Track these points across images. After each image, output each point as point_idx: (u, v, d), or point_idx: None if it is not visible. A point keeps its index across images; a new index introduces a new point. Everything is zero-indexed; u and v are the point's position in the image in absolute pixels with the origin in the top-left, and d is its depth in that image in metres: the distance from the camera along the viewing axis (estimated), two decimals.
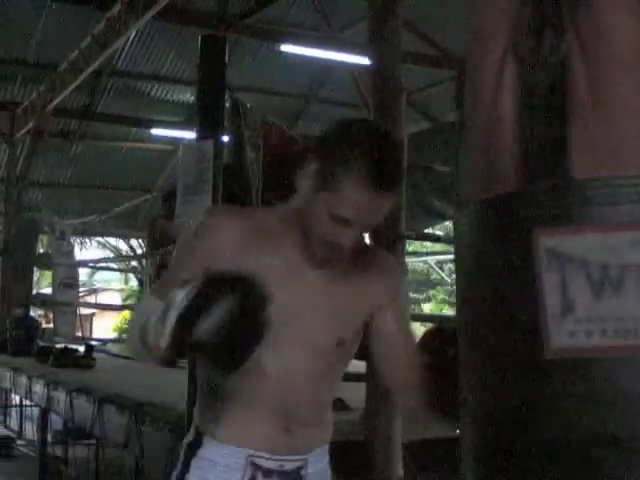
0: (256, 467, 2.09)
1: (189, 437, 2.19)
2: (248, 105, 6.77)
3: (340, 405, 5.64)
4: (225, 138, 6.39)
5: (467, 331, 1.67)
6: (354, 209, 1.94)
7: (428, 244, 14.45)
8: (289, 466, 2.12)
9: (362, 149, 1.93)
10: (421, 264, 19.34)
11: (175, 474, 2.17)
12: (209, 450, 2.12)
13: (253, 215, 2.21)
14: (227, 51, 6.47)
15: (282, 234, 2.11)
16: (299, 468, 2.14)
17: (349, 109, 13.68)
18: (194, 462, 2.13)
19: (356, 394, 5.15)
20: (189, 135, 12.95)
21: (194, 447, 2.15)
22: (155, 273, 10.96)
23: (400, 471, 4.61)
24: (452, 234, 1.81)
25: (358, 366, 6.67)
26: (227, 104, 6.52)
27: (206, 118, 6.52)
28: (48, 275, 16.81)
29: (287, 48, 11.26)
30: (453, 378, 1.76)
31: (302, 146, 6.91)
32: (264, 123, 6.68)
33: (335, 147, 1.97)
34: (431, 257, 17.07)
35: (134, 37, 11.74)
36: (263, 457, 2.09)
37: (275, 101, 13.67)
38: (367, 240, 2.36)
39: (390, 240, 5.55)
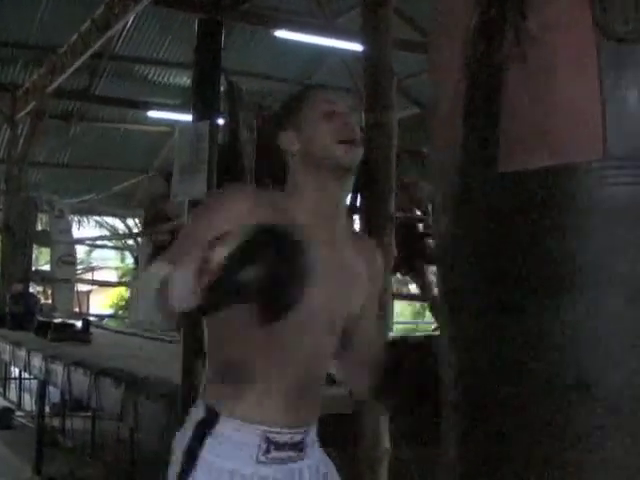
0: (270, 441, 2.14)
1: (199, 414, 2.20)
2: (243, 88, 6.96)
3: (329, 379, 5.87)
4: (220, 120, 6.60)
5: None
6: (333, 103, 2.20)
7: None
8: (297, 438, 2.20)
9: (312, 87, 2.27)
10: None
11: (184, 450, 2.18)
12: (225, 427, 2.15)
13: (266, 195, 2.26)
14: (223, 35, 6.68)
15: (296, 213, 2.17)
16: (303, 438, 2.22)
17: (341, 94, 13.87)
18: (209, 439, 2.15)
19: None
20: (185, 118, 13.05)
21: (208, 424, 2.17)
22: (152, 252, 11.11)
23: (387, 443, 4.73)
24: None
25: None
26: (222, 87, 6.73)
27: (202, 100, 6.70)
28: (46, 252, 16.92)
29: (282, 34, 11.25)
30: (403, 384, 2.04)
31: None
32: (259, 106, 6.87)
33: (294, 100, 2.28)
34: None
35: (133, 21, 11.71)
36: (277, 432, 2.15)
37: (269, 85, 13.67)
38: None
39: (380, 222, 5.78)
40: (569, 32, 1.60)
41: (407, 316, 21.21)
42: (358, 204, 6.25)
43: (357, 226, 6.86)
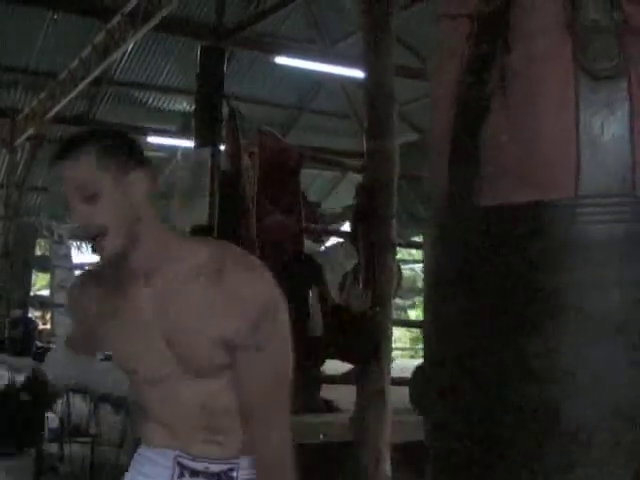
0: (183, 466, 2.18)
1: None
2: (244, 114, 6.95)
3: (330, 407, 5.85)
4: (222, 146, 6.61)
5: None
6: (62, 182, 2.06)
7: (415, 252, 14.61)
8: (215, 468, 2.16)
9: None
10: (408, 271, 19.42)
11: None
12: (145, 449, 2.26)
13: (96, 274, 2.26)
14: (225, 62, 6.72)
15: (109, 278, 2.15)
16: (229, 470, 2.17)
17: (339, 119, 13.89)
18: (134, 459, 2.27)
19: (347, 396, 5.37)
20: (184, 143, 13.10)
21: (135, 446, 2.33)
22: None
23: (388, 472, 4.78)
24: None
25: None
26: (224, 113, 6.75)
27: (204, 126, 6.73)
28: (43, 277, 16.92)
29: (281, 60, 11.38)
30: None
31: (296, 154, 7.13)
32: (260, 132, 6.87)
33: None
34: (417, 265, 17.18)
35: (132, 47, 11.77)
36: (187, 458, 2.17)
37: (267, 111, 13.76)
38: (230, 257, 2.07)
39: (382, 248, 5.78)
40: (549, 67, 1.63)
41: (406, 342, 21.19)
42: (358, 231, 6.26)
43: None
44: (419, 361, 6.37)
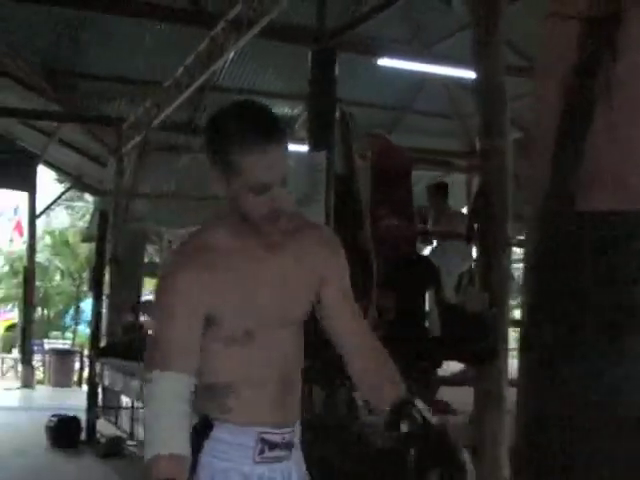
0: (265, 442, 2.28)
1: (195, 421, 2.28)
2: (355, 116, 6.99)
3: (446, 409, 5.86)
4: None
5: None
6: (264, 171, 2.09)
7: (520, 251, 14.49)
8: (287, 437, 2.32)
9: (233, 120, 2.12)
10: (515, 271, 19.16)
11: None
12: (221, 430, 2.28)
13: (204, 246, 2.28)
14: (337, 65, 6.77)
15: (233, 248, 2.25)
16: (292, 438, 2.35)
17: (441, 120, 13.82)
18: (207, 443, 2.28)
19: (462, 397, 5.36)
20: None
21: (204, 429, 2.29)
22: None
23: (507, 476, 4.76)
24: None
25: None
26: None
27: (318, 130, 6.80)
28: (149, 283, 17.20)
29: (383, 62, 11.39)
30: None
31: (407, 156, 7.16)
32: (371, 134, 6.91)
33: (214, 134, 2.16)
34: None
35: (233, 54, 12.02)
36: (269, 432, 2.28)
37: (370, 113, 13.69)
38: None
39: (497, 246, 5.77)
40: None
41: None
42: (474, 232, 6.26)
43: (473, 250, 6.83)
44: None
